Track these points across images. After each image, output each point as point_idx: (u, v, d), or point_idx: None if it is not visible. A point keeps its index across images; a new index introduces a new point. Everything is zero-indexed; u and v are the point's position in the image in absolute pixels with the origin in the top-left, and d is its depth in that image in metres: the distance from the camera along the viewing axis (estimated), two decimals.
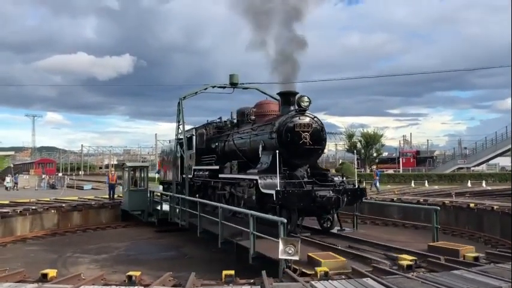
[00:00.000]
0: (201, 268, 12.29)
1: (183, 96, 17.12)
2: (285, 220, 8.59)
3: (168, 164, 21.75)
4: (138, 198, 20.84)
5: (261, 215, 9.90)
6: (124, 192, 21.83)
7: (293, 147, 11.43)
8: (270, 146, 12.06)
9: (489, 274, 6.38)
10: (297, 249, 7.75)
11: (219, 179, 14.91)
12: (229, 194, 14.27)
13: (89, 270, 11.93)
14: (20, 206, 19.66)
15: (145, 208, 20.83)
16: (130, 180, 21.35)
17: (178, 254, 14.85)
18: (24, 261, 13.26)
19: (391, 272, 7.08)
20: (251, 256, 9.16)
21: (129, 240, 17.52)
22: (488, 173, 48.46)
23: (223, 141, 15.92)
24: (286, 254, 7.74)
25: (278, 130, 11.62)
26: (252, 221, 9.32)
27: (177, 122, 17.38)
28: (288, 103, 12.38)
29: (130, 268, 11.41)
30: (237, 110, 16.36)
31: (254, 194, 11.44)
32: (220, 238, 11.18)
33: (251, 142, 13.51)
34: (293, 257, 7.76)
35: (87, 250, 15.77)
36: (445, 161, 58.48)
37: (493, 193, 23.35)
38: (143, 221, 20.75)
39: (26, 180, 46.34)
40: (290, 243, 7.80)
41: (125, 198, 21.44)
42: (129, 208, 20.81)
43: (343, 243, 10.01)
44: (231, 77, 17.24)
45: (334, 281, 6.57)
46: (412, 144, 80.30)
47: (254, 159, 13.00)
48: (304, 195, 10.50)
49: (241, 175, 12.82)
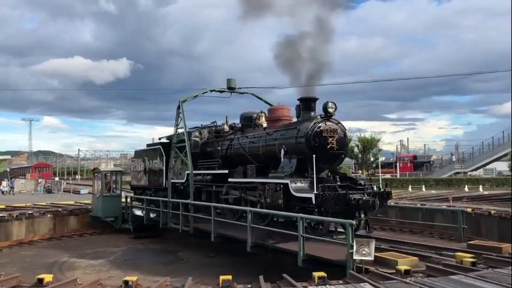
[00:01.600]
0: (198, 273, 12.25)
1: (183, 99, 16.96)
2: (354, 222, 8.75)
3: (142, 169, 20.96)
4: (111, 204, 20.13)
5: (320, 218, 10.49)
6: (96, 198, 20.84)
7: (320, 151, 11.59)
8: (293, 150, 12.20)
9: (487, 279, 6.37)
10: (370, 250, 7.89)
11: (224, 183, 14.89)
12: (233, 199, 14.33)
13: (85, 275, 11.88)
14: (16, 210, 19.54)
15: (119, 214, 20.24)
16: (104, 185, 20.54)
17: (175, 259, 14.79)
18: (20, 266, 13.18)
19: (388, 277, 7.06)
20: (301, 258, 9.27)
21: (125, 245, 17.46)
22: (485, 177, 48.55)
23: (225, 145, 15.73)
24: (360, 254, 7.88)
25: (306, 135, 11.77)
26: (301, 224, 9.45)
27: (176, 126, 17.13)
28: (309, 108, 12.62)
29: (127, 273, 11.41)
30: (241, 115, 16.21)
31: (281, 197, 11.55)
32: (250, 242, 11.13)
33: (266, 146, 13.51)
34: (367, 258, 7.89)
35: (83, 255, 15.71)
36: (442, 165, 58.60)
37: (490, 198, 23.38)
38: (116, 227, 20.11)
39: (22, 184, 46.19)
40: (362, 244, 7.97)
41: (97, 204, 20.50)
42: (102, 214, 19.98)
43: (380, 244, 10.11)
44: (229, 81, 17.27)
45: (332, 286, 6.55)
46: (409, 148, 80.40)
47: (269, 164, 13.18)
48: (340, 199, 10.71)
49: (263, 179, 12.79)
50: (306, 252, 9.36)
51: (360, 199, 10.76)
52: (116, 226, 20.17)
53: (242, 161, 14.42)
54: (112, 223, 20.18)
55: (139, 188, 21.63)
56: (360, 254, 7.89)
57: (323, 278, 6.94)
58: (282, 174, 12.04)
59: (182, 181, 17.03)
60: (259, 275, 7.04)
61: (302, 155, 11.87)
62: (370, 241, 8.13)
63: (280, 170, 12.35)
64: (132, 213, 19.87)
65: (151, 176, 19.99)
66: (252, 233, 11.14)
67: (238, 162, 14.61)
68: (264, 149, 13.65)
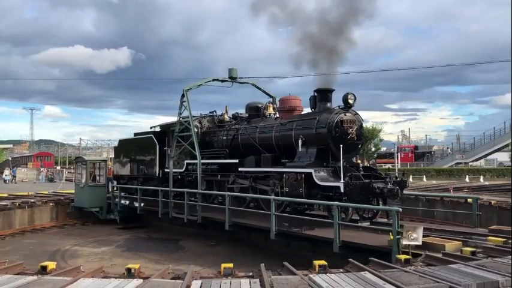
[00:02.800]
0: (199, 261, 12.37)
1: (188, 88, 16.71)
2: (400, 209, 9.00)
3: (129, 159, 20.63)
4: (97, 194, 19.88)
5: (361, 206, 10.97)
6: (79, 188, 20.27)
7: (341, 142, 11.77)
8: (312, 140, 12.40)
9: (486, 268, 6.41)
10: (418, 235, 8.20)
11: (229, 172, 14.94)
12: (241, 188, 14.43)
13: (88, 263, 11.98)
14: (18, 199, 19.67)
15: (104, 205, 19.97)
16: (88, 175, 20.18)
17: (176, 247, 14.90)
18: (23, 254, 13.30)
19: (388, 265, 7.11)
20: (338, 245, 9.53)
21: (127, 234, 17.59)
22: (486, 168, 48.57)
23: (231, 135, 15.67)
24: (408, 240, 8.19)
25: (328, 125, 11.98)
26: (337, 211, 9.68)
27: (179, 114, 16.77)
28: (326, 99, 12.86)
29: (129, 261, 11.51)
30: (247, 105, 16.17)
31: (302, 186, 11.75)
32: (274, 230, 11.27)
33: (280, 136, 13.59)
34: (415, 243, 8.21)
35: (85, 243, 15.83)
36: (443, 156, 58.61)
37: (490, 188, 23.41)
38: (100, 218, 19.77)
39: (24, 173, 46.38)
40: (409, 230, 8.28)
41: (81, 195, 20.01)
42: (87, 205, 19.64)
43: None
44: (230, 71, 17.20)
45: (332, 274, 6.59)
46: (410, 139, 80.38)
47: (283, 153, 13.42)
48: (365, 187, 11.01)
49: (282, 168, 12.89)
50: (341, 239, 9.60)
51: (385, 187, 11.05)
52: (100, 217, 19.80)
53: (250, 151, 14.45)
54: (97, 213, 19.83)
55: (124, 178, 21.18)
56: (409, 239, 8.20)
57: (323, 266, 6.98)
58: (301, 163, 12.27)
59: (181, 171, 16.89)
60: (260, 263, 7.09)
61: (322, 145, 12.16)
62: (418, 227, 8.51)
63: (298, 160, 12.58)
64: (120, 203, 19.39)
65: (140, 166, 19.67)
66: (276, 221, 11.34)
67: (245, 152, 14.65)
68: (277, 138, 13.72)
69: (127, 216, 19.40)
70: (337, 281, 6.13)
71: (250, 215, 13.32)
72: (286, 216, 11.90)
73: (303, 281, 6.12)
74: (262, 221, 12.29)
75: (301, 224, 11.25)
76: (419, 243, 8.26)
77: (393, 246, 8.50)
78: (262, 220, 12.35)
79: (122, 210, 19.40)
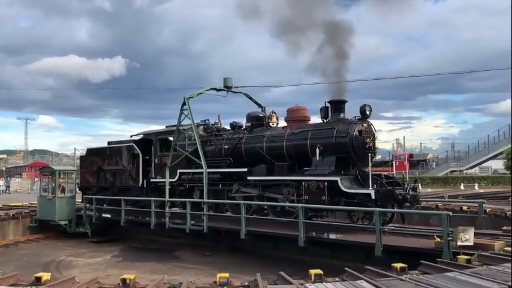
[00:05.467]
0: (195, 271, 12.32)
1: (189, 96, 16.38)
2: (450, 213, 9.63)
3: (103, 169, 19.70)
4: (66, 206, 18.70)
5: (406, 211, 11.93)
6: (46, 200, 18.80)
7: (360, 151, 12.50)
8: (331, 149, 12.70)
9: (482, 276, 6.43)
10: (470, 236, 8.69)
11: (232, 181, 14.98)
12: (245, 197, 14.41)
13: (83, 274, 11.90)
14: (12, 209, 19.52)
15: (74, 217, 18.84)
16: (57, 185, 18.84)
17: (172, 257, 14.81)
18: (17, 265, 13.19)
19: (384, 274, 7.11)
20: (380, 249, 9.89)
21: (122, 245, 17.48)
22: (481, 175, 48.80)
23: (232, 144, 15.54)
24: (461, 241, 8.63)
25: (349, 135, 12.48)
26: (378, 217, 10.12)
27: (178, 123, 16.36)
28: (339, 110, 13.38)
29: (124, 271, 11.38)
30: (248, 114, 16.11)
31: (325, 194, 12.09)
32: (302, 237, 11.38)
33: (293, 146, 13.72)
34: (468, 243, 8.65)
35: (80, 253, 15.72)
36: (438, 164, 58.82)
37: (485, 196, 23.50)
38: (69, 231, 18.57)
39: (18, 183, 46.12)
40: (463, 231, 8.73)
41: (48, 207, 18.58)
42: (56, 218, 18.30)
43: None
44: (225, 80, 17.18)
45: (328, 284, 6.59)
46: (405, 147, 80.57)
47: (295, 162, 13.66)
48: (389, 194, 11.55)
49: (302, 177, 13.01)
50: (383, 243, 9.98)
51: (407, 194, 11.74)
52: (69, 230, 18.61)
53: (256, 160, 14.48)
54: (65, 226, 18.62)
55: (92, 189, 20.07)
56: (461, 241, 8.63)
57: (319, 275, 6.98)
58: (322, 171, 12.57)
59: (172, 180, 16.47)
60: (256, 272, 7.08)
61: (342, 153, 12.58)
62: (469, 228, 8.97)
63: (315, 168, 12.85)
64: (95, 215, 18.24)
65: (116, 175, 18.98)
66: (304, 228, 11.47)
67: (249, 161, 14.67)
68: (289, 147, 13.82)
69: (99, 229, 18.62)
70: None
71: (266, 223, 13.56)
72: (312, 222, 12.42)
73: None
74: (279, 229, 12.69)
75: (324, 230, 12.10)
76: (471, 244, 8.68)
77: (444, 247, 8.91)
78: (272, 227, 12.95)
79: (94, 223, 18.40)
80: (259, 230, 13.09)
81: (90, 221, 18.46)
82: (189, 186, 16.26)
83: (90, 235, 18.37)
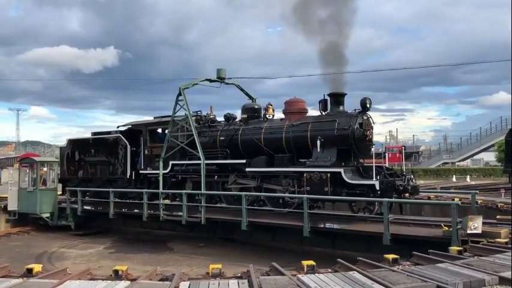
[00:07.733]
0: (188, 262, 12.34)
1: (184, 87, 16.05)
2: (459, 203, 10.13)
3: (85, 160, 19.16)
4: (48, 198, 18.40)
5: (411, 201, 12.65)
6: (26, 192, 18.41)
7: (361, 143, 12.76)
8: (332, 141, 12.81)
9: (473, 267, 6.47)
10: (478, 225, 8.93)
11: (229, 172, 14.96)
12: (239, 189, 14.44)
13: (75, 265, 11.88)
14: (3, 201, 19.38)
15: (56, 210, 18.52)
16: (39, 177, 18.43)
17: (165, 249, 14.82)
18: (9, 257, 13.15)
19: (376, 265, 7.15)
20: (388, 238, 10.09)
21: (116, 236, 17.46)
22: (473, 168, 49.14)
23: (228, 135, 15.41)
24: (470, 229, 8.88)
25: (351, 127, 12.63)
26: (386, 207, 10.35)
27: (173, 113, 16.10)
28: (339, 103, 13.49)
29: (117, 263, 11.39)
30: (243, 106, 16.01)
31: (327, 185, 12.24)
32: (307, 227, 11.56)
33: (293, 137, 13.75)
34: (476, 231, 8.89)
35: (72, 245, 15.69)
36: (430, 156, 59.15)
37: (476, 188, 23.65)
38: (51, 224, 18.27)
39: (10, 175, 45.75)
40: (473, 220, 8.96)
41: (29, 200, 18.22)
42: (38, 210, 18.02)
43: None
44: (218, 71, 17.06)
45: (321, 275, 6.61)
46: (398, 139, 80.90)
47: (293, 154, 13.75)
48: (392, 185, 11.79)
49: (302, 168, 13.16)
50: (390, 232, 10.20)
51: (408, 185, 12.02)
52: (50, 223, 18.33)
53: (252, 152, 14.46)
54: (47, 220, 18.33)
55: (73, 181, 19.44)
56: (470, 229, 8.86)
57: (312, 266, 7.00)
58: (324, 163, 12.68)
59: (165, 172, 16.27)
60: (250, 263, 7.08)
61: (343, 145, 12.75)
62: (478, 216, 9.17)
63: (315, 160, 12.94)
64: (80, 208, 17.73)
65: (101, 167, 18.53)
66: (308, 219, 11.63)
67: (246, 153, 14.67)
68: (288, 139, 13.84)
69: (81, 222, 18.37)
70: (326, 281, 6.15)
71: (265, 214, 13.76)
72: (317, 213, 12.58)
73: (291, 281, 6.13)
74: (282, 220, 12.90)
75: (325, 220, 12.26)
76: (479, 232, 8.90)
77: (453, 235, 9.18)
78: (275, 218, 13.16)
79: (77, 216, 18.02)
80: (261, 220, 13.13)
81: (73, 213, 18.13)
82: (181, 177, 16.14)
83: (74, 228, 18.16)
